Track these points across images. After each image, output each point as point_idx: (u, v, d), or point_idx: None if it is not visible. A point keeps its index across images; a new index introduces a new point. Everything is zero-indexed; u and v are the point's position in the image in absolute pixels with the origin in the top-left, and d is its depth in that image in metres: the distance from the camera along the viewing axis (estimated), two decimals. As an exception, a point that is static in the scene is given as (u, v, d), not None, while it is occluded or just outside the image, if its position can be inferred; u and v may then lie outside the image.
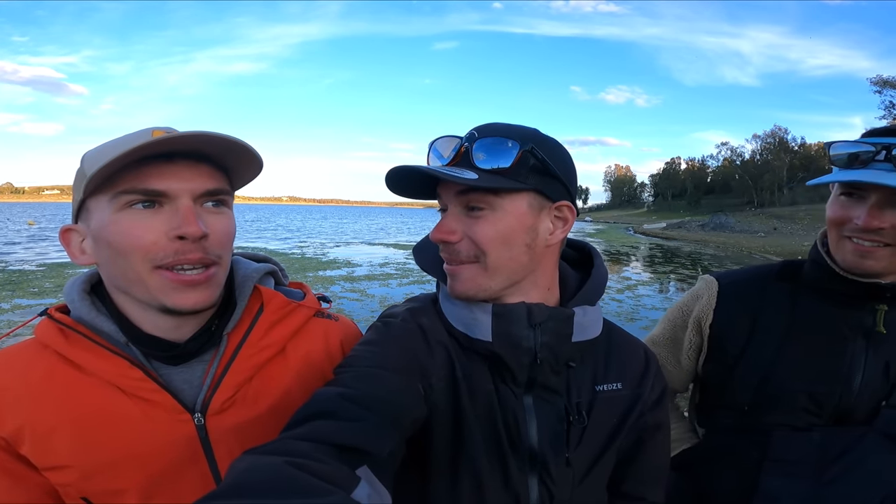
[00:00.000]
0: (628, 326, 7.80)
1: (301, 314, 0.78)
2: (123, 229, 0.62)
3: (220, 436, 0.68)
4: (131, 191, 0.61)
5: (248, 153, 0.66)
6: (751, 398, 0.97)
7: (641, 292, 10.98)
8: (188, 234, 0.62)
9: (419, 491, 0.72)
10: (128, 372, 0.65)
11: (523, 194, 0.69)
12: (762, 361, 0.96)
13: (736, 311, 1.00)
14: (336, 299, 8.93)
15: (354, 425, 0.57)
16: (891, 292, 0.87)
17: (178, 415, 0.66)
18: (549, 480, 0.73)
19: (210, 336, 0.70)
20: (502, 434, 0.72)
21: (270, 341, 0.74)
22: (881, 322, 0.89)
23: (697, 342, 1.06)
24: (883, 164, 0.83)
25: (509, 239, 0.69)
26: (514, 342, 0.71)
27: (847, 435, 0.91)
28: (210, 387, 0.69)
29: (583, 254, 0.85)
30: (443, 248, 0.72)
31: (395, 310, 0.80)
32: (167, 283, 0.63)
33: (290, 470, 0.45)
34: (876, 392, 0.90)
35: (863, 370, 0.91)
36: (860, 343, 0.91)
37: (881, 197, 0.83)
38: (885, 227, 0.82)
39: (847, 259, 0.88)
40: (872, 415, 0.91)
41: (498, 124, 0.72)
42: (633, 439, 0.81)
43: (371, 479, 0.54)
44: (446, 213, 0.72)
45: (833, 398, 0.91)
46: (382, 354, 0.70)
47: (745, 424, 0.98)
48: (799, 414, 0.93)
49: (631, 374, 0.81)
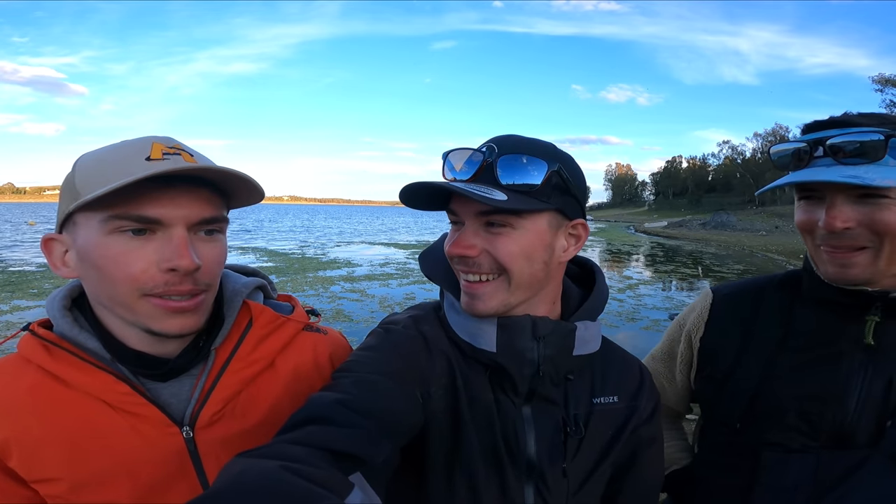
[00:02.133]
0: (629, 326, 7.79)
1: (290, 328, 0.78)
2: (112, 255, 0.60)
3: (209, 449, 0.68)
4: (124, 216, 0.59)
5: (251, 185, 0.65)
6: (741, 415, 0.90)
7: (643, 292, 10.97)
8: (181, 268, 0.60)
9: (415, 498, 0.72)
10: (114, 387, 0.64)
11: (545, 213, 0.69)
12: (753, 376, 0.89)
13: (728, 323, 0.95)
14: (336, 300, 8.94)
15: (350, 432, 0.57)
16: (881, 301, 0.79)
17: (167, 428, 0.66)
18: (546, 491, 0.73)
19: (198, 352, 0.69)
20: (500, 444, 0.72)
21: (259, 356, 0.73)
22: (870, 334, 0.80)
23: (688, 356, 1.02)
24: (823, 159, 0.78)
25: (531, 256, 0.69)
26: (517, 354, 0.71)
27: (847, 458, 0.81)
28: (199, 401, 0.68)
29: (584, 269, 0.86)
30: (459, 261, 0.72)
31: (396, 317, 0.80)
32: (153, 309, 0.62)
33: (285, 474, 0.45)
34: (878, 411, 0.80)
35: (860, 388, 0.81)
36: (859, 358, 0.82)
37: (835, 194, 0.77)
38: (850, 225, 0.75)
39: (828, 271, 0.81)
40: (877, 436, 0.80)
41: (516, 138, 0.71)
42: (628, 453, 0.81)
43: (364, 486, 0.54)
44: (463, 227, 0.71)
45: (825, 418, 0.83)
46: (382, 360, 0.69)
47: (737, 444, 0.91)
48: (791, 434, 0.85)
49: (627, 387, 0.82)
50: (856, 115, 0.79)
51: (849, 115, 0.79)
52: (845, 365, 0.82)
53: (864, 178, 0.72)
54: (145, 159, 0.60)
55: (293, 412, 0.72)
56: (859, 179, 0.72)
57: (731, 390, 0.91)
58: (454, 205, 0.72)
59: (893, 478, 0.78)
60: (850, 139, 0.76)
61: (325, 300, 8.89)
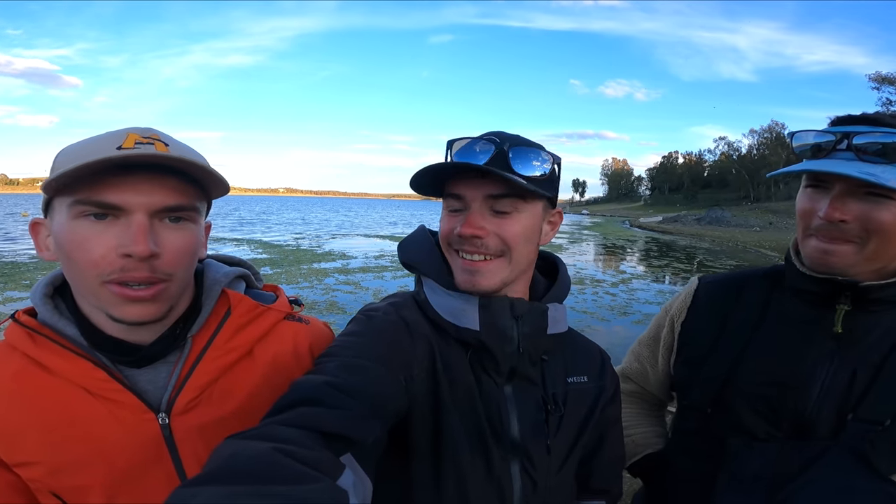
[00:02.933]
0: (621, 320, 7.84)
1: (270, 317, 0.78)
2: (75, 239, 0.61)
3: (184, 435, 0.69)
4: (86, 201, 0.60)
5: (212, 176, 0.65)
6: (712, 400, 0.92)
7: (636, 286, 11.03)
8: (135, 254, 0.60)
9: (403, 482, 0.73)
10: (92, 373, 0.65)
11: (541, 201, 0.78)
12: (726, 361, 0.91)
13: (708, 310, 0.98)
14: (330, 291, 8.94)
15: (340, 413, 0.57)
16: (850, 290, 0.81)
17: (143, 414, 0.67)
18: (531, 468, 0.76)
19: (174, 339, 0.70)
20: (484, 424, 0.74)
21: (236, 344, 0.74)
22: (839, 322, 0.82)
23: (670, 340, 1.04)
24: (845, 153, 0.79)
25: (529, 237, 0.77)
26: (500, 332, 0.75)
27: (807, 450, 0.82)
28: (175, 387, 0.69)
29: (547, 262, 0.92)
30: (465, 242, 0.74)
31: (376, 304, 0.82)
32: (113, 296, 0.62)
33: (277, 456, 0.45)
34: (839, 402, 0.81)
35: (824, 377, 0.82)
36: (827, 348, 0.83)
37: (844, 187, 0.78)
38: (847, 218, 0.77)
39: (811, 256, 0.83)
40: (838, 428, 0.81)
41: (513, 135, 0.77)
42: (597, 435, 0.87)
43: (355, 467, 0.55)
44: (471, 210, 0.74)
45: (787, 406, 0.84)
46: (365, 345, 0.70)
47: (707, 430, 0.93)
48: (758, 422, 0.86)
49: (592, 368, 0.88)
50: (887, 115, 0.79)
51: (880, 115, 0.80)
52: (813, 353, 0.84)
53: (880, 177, 0.73)
54: (116, 148, 0.60)
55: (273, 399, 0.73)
56: (875, 178, 0.73)
57: (705, 375, 0.94)
58: (461, 189, 0.75)
59: (850, 472, 0.79)
60: (878, 139, 0.76)
61: (319, 292, 8.89)
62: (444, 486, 0.72)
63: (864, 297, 0.80)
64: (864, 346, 0.82)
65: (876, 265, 0.80)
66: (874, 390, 0.80)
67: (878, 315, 0.82)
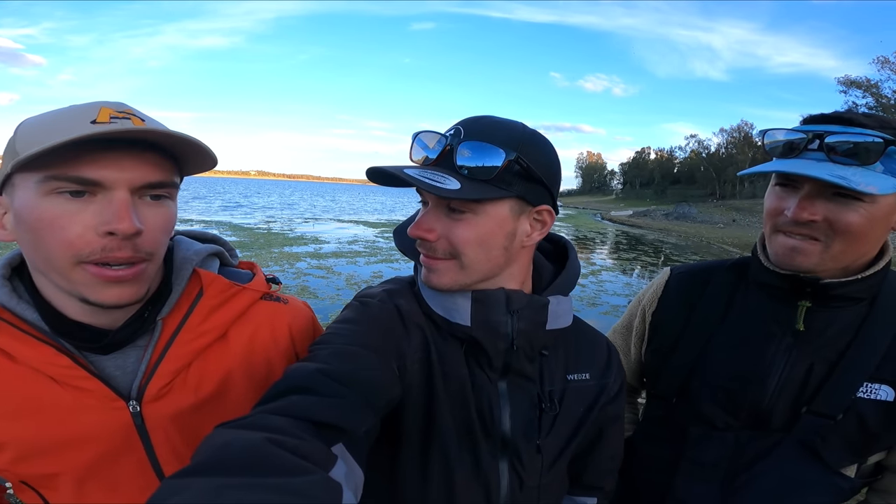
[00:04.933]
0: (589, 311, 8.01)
1: (245, 297, 0.75)
2: (48, 218, 0.57)
3: (156, 423, 0.67)
4: (61, 177, 0.56)
5: (201, 150, 0.62)
6: (678, 389, 0.94)
7: (605, 278, 11.27)
8: (119, 231, 0.57)
9: (390, 471, 0.73)
10: (54, 360, 0.62)
11: (505, 200, 0.69)
12: (692, 352, 0.93)
13: (677, 300, 1.00)
14: (301, 276, 8.80)
15: (332, 402, 0.56)
16: (811, 287, 0.82)
17: (111, 402, 0.64)
18: (520, 466, 0.75)
19: (143, 322, 0.67)
20: (475, 419, 0.73)
21: (210, 326, 0.71)
22: (800, 319, 0.83)
23: (641, 330, 1.06)
24: (815, 152, 0.77)
25: (487, 242, 0.69)
26: (492, 327, 0.72)
27: (763, 440, 0.85)
28: (145, 373, 0.67)
29: (558, 247, 0.86)
30: (419, 243, 0.73)
31: (371, 290, 0.80)
32: (89, 278, 0.59)
33: (271, 447, 0.44)
34: (795, 395, 0.84)
35: (782, 370, 0.84)
36: (787, 342, 0.85)
37: (812, 188, 0.77)
38: (815, 219, 0.77)
39: (778, 253, 0.83)
40: (792, 420, 0.84)
41: (485, 121, 0.70)
42: (596, 430, 0.84)
43: (346, 457, 0.54)
44: (427, 210, 0.71)
45: (745, 397, 0.86)
46: (360, 333, 0.69)
47: (671, 418, 0.95)
48: (717, 411, 0.89)
49: (597, 364, 0.84)
50: (860, 115, 0.78)
51: (853, 114, 0.78)
52: (772, 347, 0.86)
53: (850, 180, 0.72)
54: (90, 122, 0.57)
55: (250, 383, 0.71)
56: (846, 181, 0.72)
57: (672, 365, 0.96)
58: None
59: (801, 463, 0.82)
60: (850, 139, 0.75)
61: (290, 276, 8.74)
62: (430, 478, 0.72)
63: (826, 293, 0.82)
64: (822, 340, 0.83)
65: (841, 264, 0.81)
66: (829, 385, 0.82)
67: (838, 311, 0.83)
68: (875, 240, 0.80)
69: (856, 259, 0.81)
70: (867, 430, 0.81)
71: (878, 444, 0.83)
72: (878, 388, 0.81)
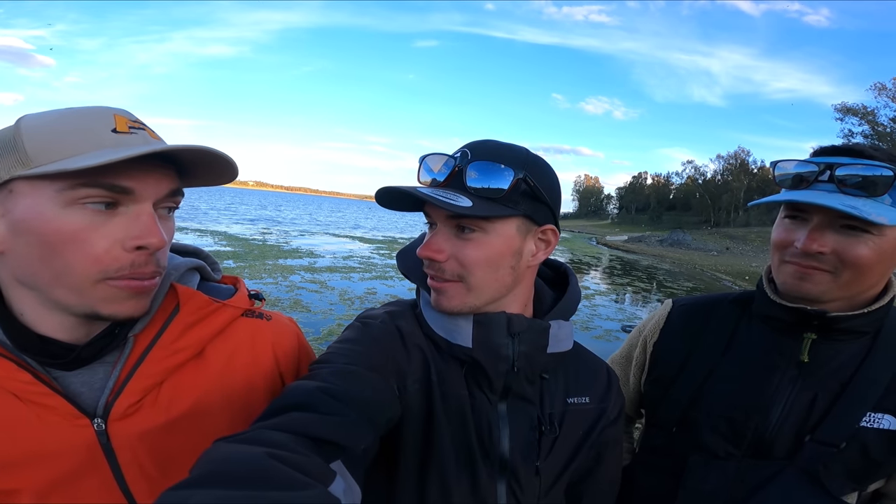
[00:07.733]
0: (583, 335, 7.98)
1: (224, 314, 0.72)
2: (69, 231, 0.53)
3: (123, 442, 0.64)
4: (93, 184, 0.53)
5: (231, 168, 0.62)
6: (678, 420, 0.94)
7: (598, 302, 11.27)
8: (151, 246, 0.56)
9: (387, 492, 0.72)
10: (16, 375, 0.59)
11: (513, 219, 0.71)
12: (693, 383, 0.94)
13: (680, 332, 1.01)
14: (294, 289, 8.75)
15: (332, 419, 0.57)
16: (818, 320, 0.82)
17: (75, 419, 0.62)
18: (518, 489, 0.74)
19: (112, 338, 0.64)
20: (474, 440, 0.73)
21: (185, 344, 0.68)
22: (806, 351, 0.84)
23: (642, 360, 1.07)
24: (826, 184, 0.79)
25: (495, 262, 0.71)
26: (493, 350, 0.73)
27: (764, 469, 0.85)
28: (113, 390, 0.64)
29: (558, 273, 0.88)
30: (428, 265, 0.73)
31: (373, 311, 0.81)
32: (115, 292, 0.57)
33: (270, 462, 0.45)
34: (799, 425, 0.84)
35: (785, 401, 0.85)
36: (791, 373, 0.86)
37: (823, 219, 0.78)
38: (824, 251, 0.78)
39: (786, 281, 0.83)
40: (795, 449, 0.84)
41: (491, 144, 0.72)
42: (594, 455, 0.84)
43: (345, 474, 0.54)
44: (436, 230, 0.72)
45: (748, 427, 0.87)
46: (360, 353, 0.69)
47: (671, 448, 0.95)
48: (719, 441, 0.89)
49: (597, 389, 0.84)
50: (868, 147, 0.80)
51: (862, 146, 0.80)
52: (776, 377, 0.86)
53: (861, 210, 0.73)
54: (111, 131, 0.56)
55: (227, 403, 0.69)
56: (857, 211, 0.73)
57: (673, 395, 0.96)
58: (427, 208, 0.73)
59: (803, 491, 0.82)
60: (859, 172, 0.76)
61: (284, 289, 8.69)
62: (427, 499, 0.71)
63: (832, 326, 0.82)
64: (826, 372, 0.84)
65: (848, 294, 0.81)
66: (833, 414, 0.82)
67: (842, 344, 0.84)
68: (881, 273, 0.81)
69: (863, 291, 0.82)
70: (870, 459, 0.81)
71: (879, 472, 0.83)
72: (881, 418, 0.81)
